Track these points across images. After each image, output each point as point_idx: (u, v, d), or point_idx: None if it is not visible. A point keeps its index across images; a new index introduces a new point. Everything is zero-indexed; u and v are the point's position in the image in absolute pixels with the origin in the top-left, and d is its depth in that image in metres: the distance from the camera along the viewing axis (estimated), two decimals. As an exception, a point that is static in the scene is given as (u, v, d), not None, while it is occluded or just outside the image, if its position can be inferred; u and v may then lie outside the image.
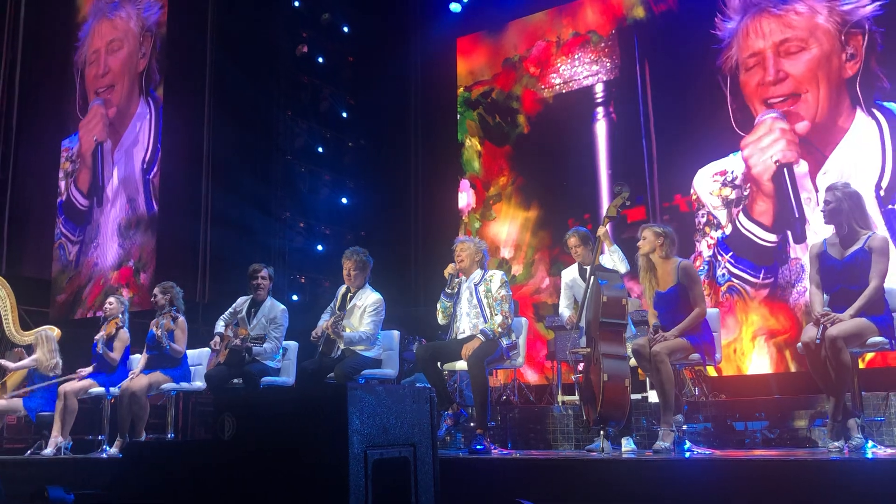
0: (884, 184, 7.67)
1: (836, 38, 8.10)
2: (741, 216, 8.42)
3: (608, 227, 5.21)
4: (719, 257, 8.47)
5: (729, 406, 6.09)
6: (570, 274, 5.66)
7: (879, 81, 7.83)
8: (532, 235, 10.12)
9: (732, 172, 8.57)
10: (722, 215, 8.57)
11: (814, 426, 5.59)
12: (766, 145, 8.33)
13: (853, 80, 7.97)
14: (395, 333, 6.09)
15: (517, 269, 10.09)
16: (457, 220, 10.67)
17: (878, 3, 7.93)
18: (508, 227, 10.33)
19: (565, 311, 5.59)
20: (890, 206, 7.57)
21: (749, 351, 8.25)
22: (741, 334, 8.32)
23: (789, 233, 8.10)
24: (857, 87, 7.93)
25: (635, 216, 8.81)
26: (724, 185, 8.60)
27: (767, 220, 8.26)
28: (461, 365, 5.37)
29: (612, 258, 5.18)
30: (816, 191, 7.99)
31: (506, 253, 10.25)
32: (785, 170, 8.19)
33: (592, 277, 5.04)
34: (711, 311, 5.19)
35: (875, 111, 7.85)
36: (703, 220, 8.70)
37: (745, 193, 8.43)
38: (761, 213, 8.30)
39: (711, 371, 7.93)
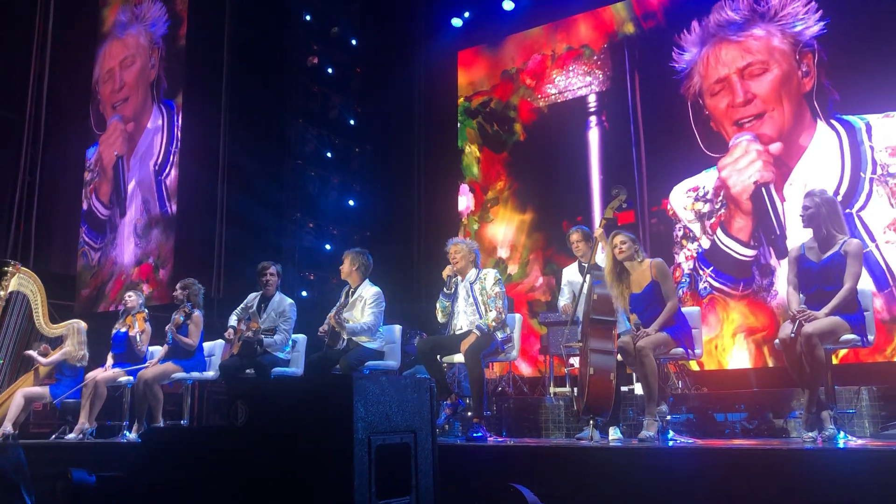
0: (842, 190, 7.71)
1: (792, 57, 8.20)
2: (720, 233, 8.42)
3: (604, 228, 5.21)
4: (700, 271, 8.49)
5: (710, 398, 6.10)
6: (570, 271, 5.68)
7: (832, 94, 7.95)
8: (527, 237, 10.12)
9: (704, 188, 8.63)
10: (696, 228, 8.61)
11: (789, 417, 5.60)
12: (744, 167, 8.36)
13: (810, 94, 8.07)
14: (398, 327, 6.10)
15: (513, 269, 10.09)
16: (457, 222, 10.67)
17: (822, 22, 8.09)
18: (505, 228, 10.33)
19: (564, 302, 5.61)
20: (847, 211, 7.60)
21: (729, 347, 8.26)
22: (722, 331, 8.32)
23: (771, 249, 8.09)
24: (815, 101, 8.03)
25: (625, 219, 8.80)
26: (696, 199, 8.65)
27: (745, 235, 8.28)
28: (459, 358, 5.38)
29: (606, 258, 5.18)
30: (783, 200, 8.07)
31: (503, 253, 10.25)
32: (763, 189, 8.21)
33: (588, 275, 5.04)
34: (692, 310, 5.20)
35: (834, 122, 7.93)
36: (680, 233, 8.73)
37: (717, 207, 8.48)
38: (739, 229, 8.32)
39: (694, 365, 7.93)
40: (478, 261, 5.60)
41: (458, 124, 10.92)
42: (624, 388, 6.80)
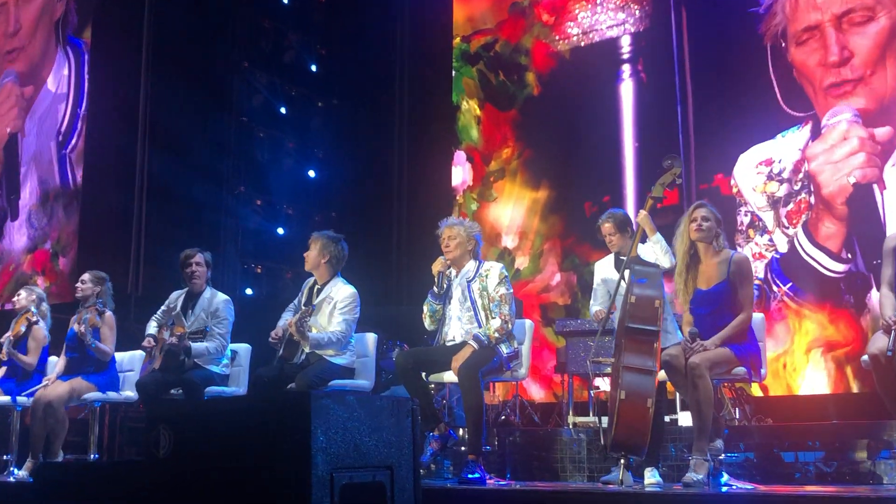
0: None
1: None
2: (802, 237, 8.41)
3: (649, 210, 5.19)
4: (774, 286, 8.49)
5: (776, 432, 6.11)
6: (604, 267, 5.64)
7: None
8: (541, 221, 10.12)
9: (780, 162, 8.59)
10: (768, 218, 8.60)
11: (879, 458, 5.62)
12: (841, 158, 8.28)
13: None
14: (371, 337, 6.10)
15: (522, 262, 10.10)
16: (450, 201, 10.67)
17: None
18: (512, 210, 10.33)
19: (598, 306, 5.59)
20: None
21: (802, 366, 8.30)
22: (793, 346, 8.36)
23: (866, 261, 8.05)
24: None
25: (667, 200, 8.84)
26: (769, 178, 8.62)
27: (835, 245, 8.24)
28: (451, 377, 5.38)
29: (655, 249, 5.15)
30: (883, 188, 8.06)
31: (508, 242, 10.26)
32: (865, 190, 8.07)
33: (627, 271, 5.05)
34: (756, 316, 5.21)
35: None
36: (746, 219, 8.72)
37: (797, 189, 8.45)
38: (829, 237, 8.27)
39: (756, 390, 7.95)
40: (479, 251, 5.61)
41: (454, 73, 10.90)
42: (665, 419, 6.85)
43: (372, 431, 2.88)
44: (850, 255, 8.19)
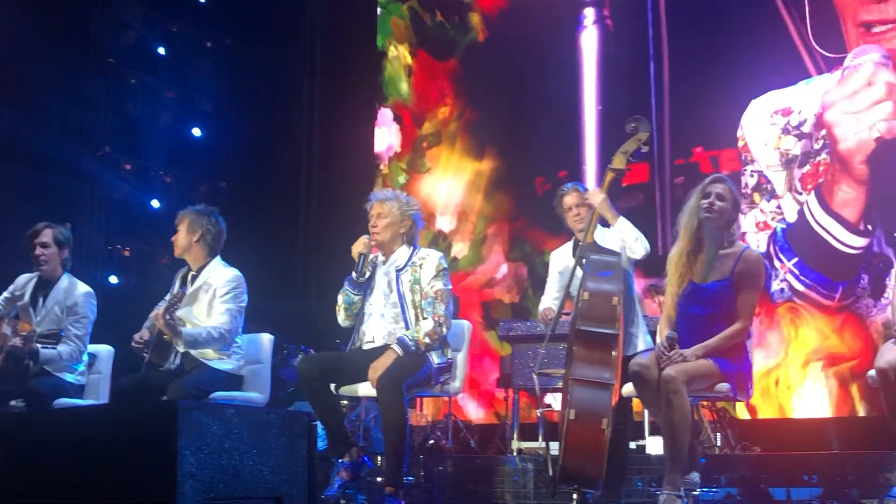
0: None
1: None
2: (813, 203, 8.54)
3: (609, 185, 5.27)
4: (777, 262, 8.61)
5: (765, 463, 6.21)
6: (562, 256, 5.74)
7: None
8: (485, 199, 10.17)
9: (800, 113, 8.68)
10: (778, 180, 8.72)
11: (888, 497, 5.75)
12: (863, 108, 8.40)
13: None
14: (267, 339, 6.08)
15: (460, 249, 10.14)
16: (371, 171, 10.67)
17: None
18: (450, 184, 10.36)
19: (548, 303, 5.71)
20: None
21: (798, 383, 8.47)
22: (787, 358, 8.54)
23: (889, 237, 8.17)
24: None
25: (634, 176, 8.92)
26: (785, 131, 8.73)
27: (853, 214, 8.39)
28: (367, 389, 5.38)
29: (624, 237, 5.21)
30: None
31: (444, 224, 10.28)
32: (890, 148, 8.19)
33: (582, 259, 5.11)
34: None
35: None
36: (752, 181, 8.83)
37: (818, 149, 8.55)
38: (844, 203, 8.41)
39: (741, 411, 8.08)
40: (416, 235, 5.64)
41: (379, 10, 10.90)
42: (631, 445, 6.90)
43: (256, 453, 2.87)
44: (869, 227, 8.32)
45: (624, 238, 5.22)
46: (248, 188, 10.47)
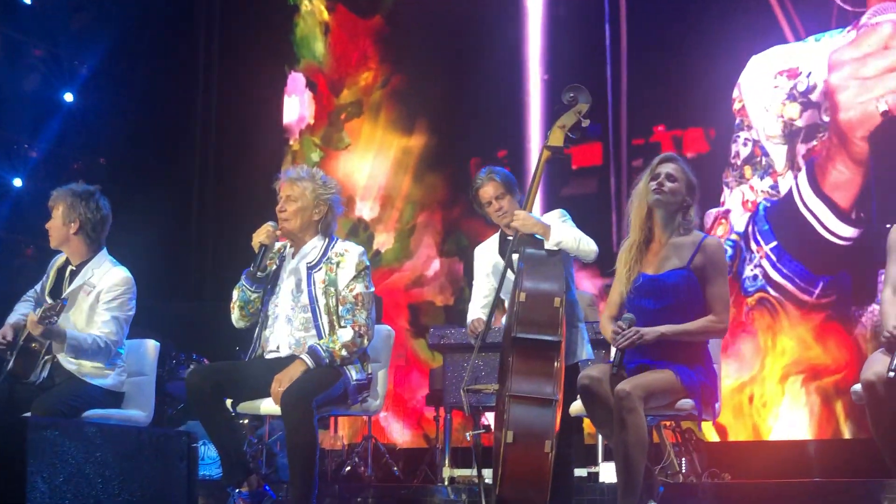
0: None
1: None
2: (803, 180, 8.62)
3: (546, 164, 5.23)
4: (754, 243, 8.70)
5: (736, 493, 6.27)
6: (488, 252, 5.73)
7: None
8: (414, 181, 10.19)
9: (809, 76, 8.72)
10: (778, 154, 8.77)
11: (877, 532, 5.82)
12: (873, 74, 8.45)
13: None
14: (152, 346, 6.04)
15: (384, 241, 10.15)
16: (280, 147, 10.67)
17: None
18: (372, 163, 10.36)
19: (477, 312, 5.67)
20: None
21: (775, 400, 8.56)
22: (763, 370, 8.63)
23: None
24: None
25: (586, 157, 8.97)
26: (790, 97, 8.77)
27: (845, 199, 8.47)
28: (270, 406, 5.35)
29: (564, 247, 5.21)
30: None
31: (365, 210, 10.28)
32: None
33: (515, 257, 5.09)
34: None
35: None
36: (746, 150, 8.89)
37: (825, 119, 8.58)
38: (837, 185, 8.49)
39: (709, 432, 8.14)
40: (333, 224, 5.59)
41: (290, -45, 10.85)
42: (580, 472, 6.92)
43: (123, 480, 2.81)
44: (861, 216, 8.40)
45: (565, 248, 5.19)
46: (131, 166, 10.39)
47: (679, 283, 4.87)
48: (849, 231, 8.43)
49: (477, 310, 5.66)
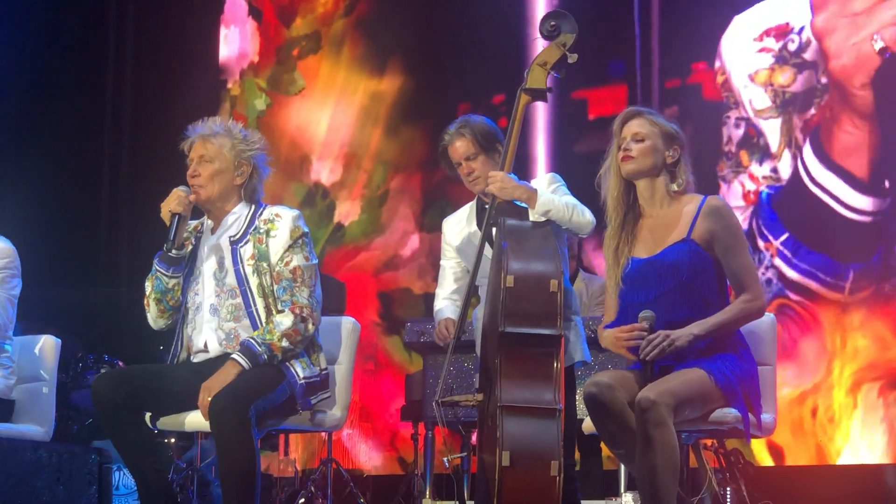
0: None
1: None
2: (809, 155, 8.78)
3: (523, 109, 5.34)
4: (761, 241, 8.83)
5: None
6: (459, 224, 5.81)
7: None
8: (386, 135, 10.29)
9: (801, 32, 8.89)
10: (772, 130, 8.93)
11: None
12: (862, 8, 8.66)
13: None
14: (51, 345, 6.05)
15: (348, 211, 10.24)
16: (214, 91, 10.77)
17: None
18: (333, 112, 10.44)
19: (447, 308, 5.74)
20: None
21: (844, 412, 8.63)
22: (829, 377, 8.70)
23: None
24: None
25: (606, 103, 9.03)
26: (779, 60, 8.94)
27: (859, 165, 8.64)
28: (197, 421, 5.40)
29: (555, 218, 5.30)
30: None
31: (323, 173, 10.36)
32: None
33: (492, 230, 5.21)
34: (764, 319, 5.38)
35: None
36: (739, 132, 9.06)
37: (823, 80, 8.74)
38: (847, 149, 8.67)
39: (759, 454, 8.20)
40: (259, 188, 5.62)
41: None
42: (595, 504, 7.01)
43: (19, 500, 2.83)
44: (885, 184, 8.56)
45: (555, 219, 5.26)
46: (23, 114, 10.42)
47: (679, 259, 4.90)
48: (870, 203, 8.59)
49: (444, 300, 5.75)
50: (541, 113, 9.15)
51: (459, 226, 5.77)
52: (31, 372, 5.95)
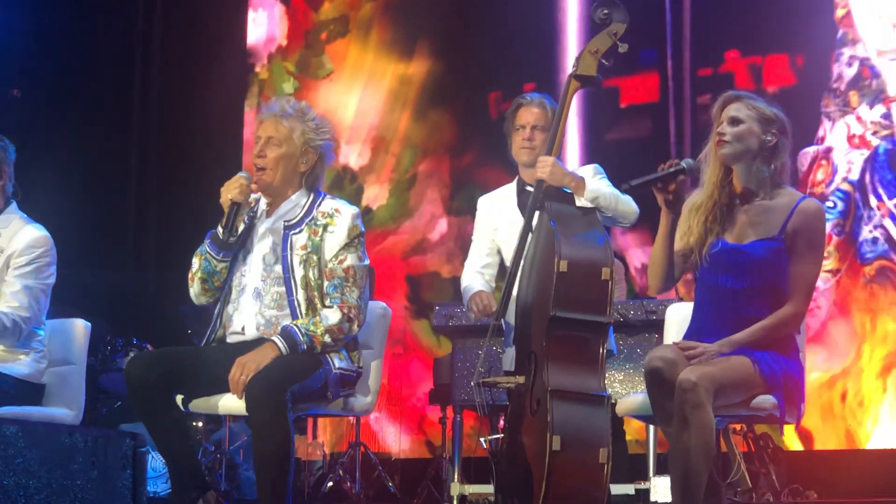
0: None
1: None
2: None
3: (573, 95, 5.31)
4: (874, 198, 8.70)
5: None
6: (498, 203, 5.80)
7: None
8: (415, 119, 10.25)
9: None
10: (893, 74, 8.78)
11: None
12: None
13: None
14: (81, 328, 6.02)
15: (376, 195, 10.22)
16: (243, 75, 10.71)
17: None
18: (361, 96, 10.40)
19: (476, 281, 5.73)
20: None
21: (874, 398, 8.59)
22: (859, 360, 8.66)
23: None
24: None
25: (638, 91, 8.97)
26: None
27: None
28: (232, 404, 5.35)
29: (601, 207, 5.30)
30: None
31: (352, 157, 10.32)
32: None
33: (539, 215, 5.13)
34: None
35: None
36: (850, 71, 8.91)
37: None
38: None
39: (789, 439, 8.15)
40: (321, 176, 5.57)
41: None
42: (626, 489, 6.97)
43: (51, 493, 2.79)
44: None
45: (601, 207, 5.29)
46: (52, 101, 10.40)
47: (767, 257, 4.88)
48: None
49: (474, 275, 5.74)
50: (573, 101, 9.10)
51: (498, 205, 5.77)
52: (61, 355, 5.92)
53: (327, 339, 5.24)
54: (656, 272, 4.93)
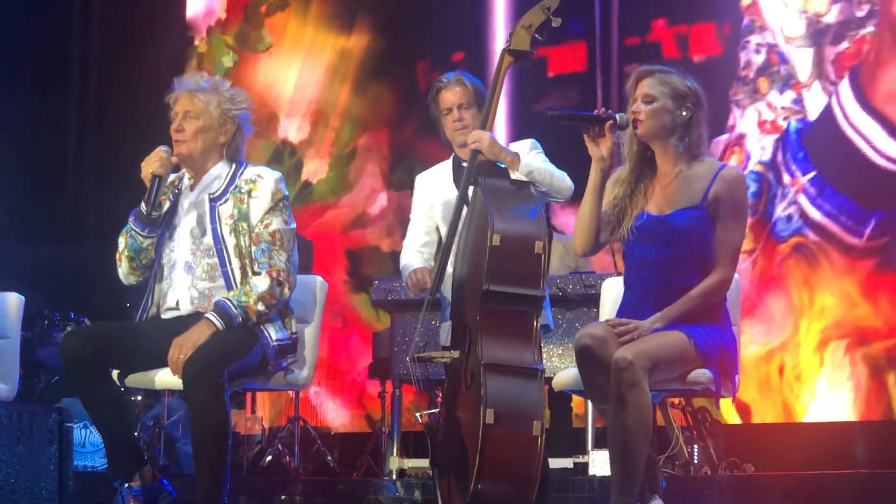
0: None
1: None
2: (846, 94, 8.68)
3: (507, 70, 5.28)
4: (787, 175, 8.75)
5: (762, 488, 6.32)
6: (434, 181, 5.80)
7: None
8: (354, 92, 10.24)
9: None
10: (802, 60, 8.81)
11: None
12: None
13: None
14: (15, 301, 6.01)
15: (316, 169, 10.19)
16: (181, 49, 10.69)
17: None
18: (301, 70, 10.38)
19: (414, 260, 5.72)
20: None
21: (811, 372, 8.63)
22: (796, 335, 8.69)
23: None
24: None
25: (566, 61, 8.99)
26: None
27: None
28: (167, 379, 5.33)
29: (535, 182, 5.29)
30: None
31: (291, 130, 10.29)
32: None
33: (473, 190, 5.13)
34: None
35: None
36: (759, 59, 8.94)
37: (859, 15, 8.61)
38: (891, 96, 8.58)
39: (728, 412, 8.17)
40: (242, 147, 5.55)
41: None
42: (564, 462, 6.97)
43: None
44: None
45: (536, 181, 5.28)
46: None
47: (691, 225, 4.88)
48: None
49: (412, 254, 5.73)
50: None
51: (435, 182, 5.76)
52: (-5, 328, 5.90)
53: (260, 307, 5.25)
54: (583, 230, 4.94)
